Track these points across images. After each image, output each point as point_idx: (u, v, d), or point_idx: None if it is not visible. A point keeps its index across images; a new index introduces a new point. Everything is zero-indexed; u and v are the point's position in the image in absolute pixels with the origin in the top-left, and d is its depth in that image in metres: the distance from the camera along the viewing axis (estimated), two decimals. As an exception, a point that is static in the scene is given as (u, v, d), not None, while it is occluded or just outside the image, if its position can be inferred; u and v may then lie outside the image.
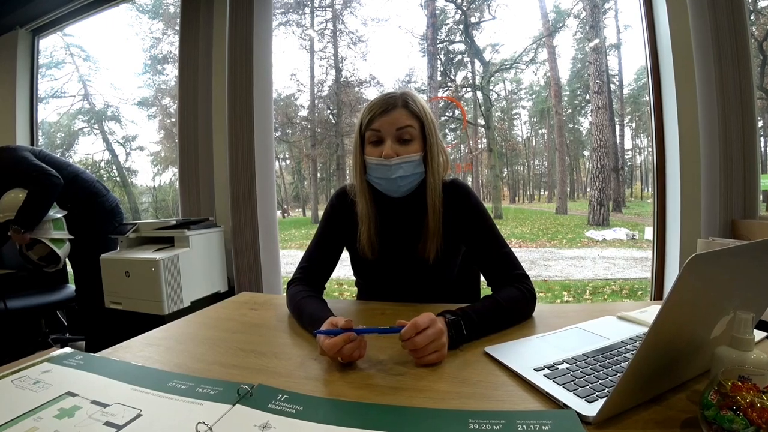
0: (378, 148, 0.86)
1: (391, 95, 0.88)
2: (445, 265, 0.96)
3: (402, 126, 0.85)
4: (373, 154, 0.87)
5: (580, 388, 0.52)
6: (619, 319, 0.79)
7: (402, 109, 0.86)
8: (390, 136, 0.85)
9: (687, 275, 0.40)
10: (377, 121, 0.86)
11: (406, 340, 0.61)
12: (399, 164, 0.85)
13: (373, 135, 0.87)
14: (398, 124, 0.85)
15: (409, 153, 0.86)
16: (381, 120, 0.86)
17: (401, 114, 0.86)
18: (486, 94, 9.07)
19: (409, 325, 0.62)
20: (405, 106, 0.86)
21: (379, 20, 9.46)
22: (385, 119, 0.85)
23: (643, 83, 6.57)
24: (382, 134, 0.86)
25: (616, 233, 6.93)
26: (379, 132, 0.86)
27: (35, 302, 2.11)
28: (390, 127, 0.85)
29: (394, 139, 0.86)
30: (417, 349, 0.61)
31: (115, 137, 9.57)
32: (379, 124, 0.86)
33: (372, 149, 0.87)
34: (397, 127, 0.85)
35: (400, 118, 0.85)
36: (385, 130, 0.86)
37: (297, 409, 0.49)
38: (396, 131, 0.85)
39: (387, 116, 0.85)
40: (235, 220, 2.29)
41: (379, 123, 0.86)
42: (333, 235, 0.99)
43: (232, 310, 1.00)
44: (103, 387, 0.56)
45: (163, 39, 9.02)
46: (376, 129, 0.86)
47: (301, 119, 10.35)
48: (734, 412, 0.36)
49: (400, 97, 0.87)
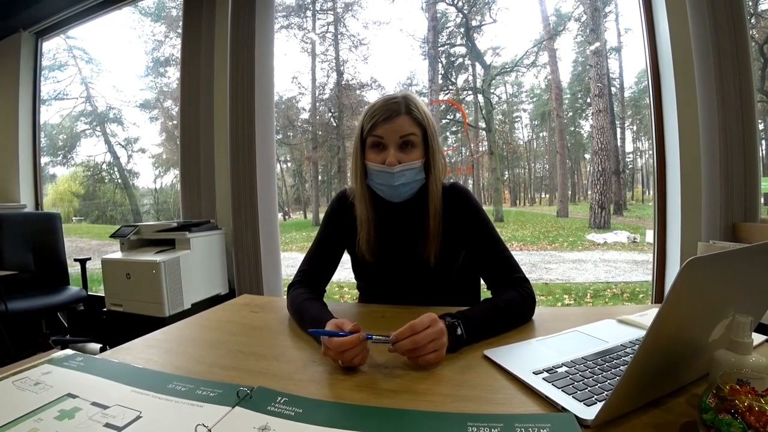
0: (380, 155, 0.86)
1: (394, 101, 0.86)
2: (445, 269, 0.96)
3: (405, 134, 0.85)
4: (375, 160, 0.86)
5: (579, 391, 0.52)
6: (618, 322, 0.79)
7: (405, 116, 0.85)
8: (393, 143, 0.85)
9: (684, 278, 0.40)
10: (380, 128, 0.85)
11: (405, 339, 0.61)
12: (402, 172, 0.84)
13: (375, 140, 0.87)
14: (402, 132, 0.85)
15: (411, 160, 0.85)
16: (384, 127, 0.85)
17: (404, 121, 0.85)
18: (487, 97, 9.08)
19: (407, 326, 0.61)
20: (408, 113, 0.85)
21: (381, 23, 9.48)
22: (389, 127, 0.84)
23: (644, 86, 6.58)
24: (385, 141, 0.85)
25: (617, 236, 6.92)
26: (383, 138, 0.85)
27: (36, 304, 2.12)
28: (393, 134, 0.85)
29: (397, 147, 0.85)
30: (415, 348, 0.61)
31: (117, 139, 9.61)
32: (383, 131, 0.85)
33: (374, 155, 0.87)
34: (400, 134, 0.85)
35: (404, 125, 0.85)
36: (389, 137, 0.85)
37: (296, 412, 0.49)
38: (399, 138, 0.85)
39: (390, 123, 0.84)
40: (236, 223, 2.29)
41: (382, 130, 0.85)
42: (334, 238, 0.99)
43: (233, 312, 1.00)
44: (104, 389, 0.56)
45: (165, 41, 9.06)
46: (379, 135, 0.86)
47: (303, 122, 10.37)
48: (732, 415, 0.37)
49: (402, 103, 0.86)
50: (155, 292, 1.95)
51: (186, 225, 2.17)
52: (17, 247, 2.39)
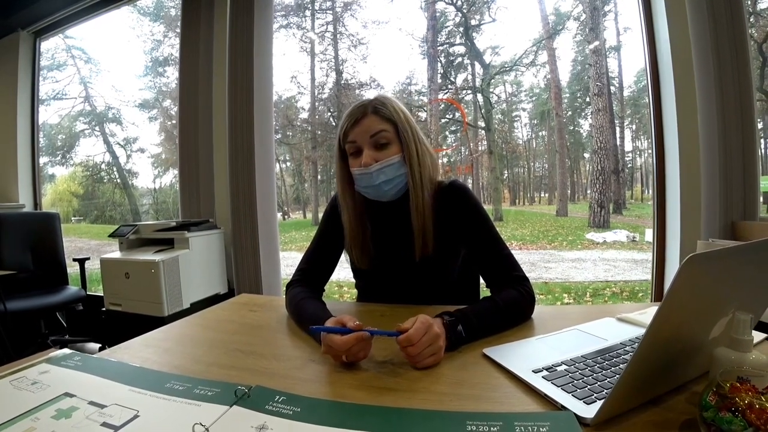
0: (358, 159, 0.87)
1: (361, 104, 0.89)
2: (444, 267, 0.96)
3: (375, 132, 0.86)
4: (355, 165, 0.88)
5: (579, 389, 0.51)
6: (618, 320, 0.78)
7: (372, 116, 0.87)
8: (366, 144, 0.86)
9: (684, 275, 0.40)
10: (351, 133, 0.87)
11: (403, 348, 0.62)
12: (380, 169, 0.85)
13: (351, 147, 0.88)
14: (371, 130, 0.86)
15: (387, 156, 0.86)
16: (355, 131, 0.87)
17: (372, 120, 0.86)
18: (486, 97, 9.07)
19: (403, 338, 0.61)
20: (375, 111, 0.87)
21: (380, 23, 9.45)
22: (358, 129, 0.86)
23: (643, 85, 6.59)
24: (359, 144, 0.87)
25: (616, 235, 6.92)
26: (356, 143, 0.87)
27: (35, 304, 2.12)
28: (364, 135, 0.86)
29: (371, 147, 0.86)
30: (413, 355, 0.61)
31: (115, 139, 9.57)
32: (354, 135, 0.87)
33: (353, 161, 0.88)
34: (370, 134, 0.86)
35: (372, 124, 0.86)
36: (360, 139, 0.87)
37: (294, 411, 0.49)
38: (370, 138, 0.86)
39: (359, 125, 0.86)
40: (235, 222, 2.29)
41: (353, 134, 0.87)
42: (332, 237, 0.99)
43: (232, 311, 1.00)
44: (101, 388, 0.56)
45: (164, 41, 9.03)
46: (352, 140, 0.87)
47: (302, 121, 10.35)
48: (733, 413, 0.36)
49: (369, 104, 0.88)
50: (154, 291, 1.95)
51: (185, 224, 2.17)
52: (16, 247, 2.39)
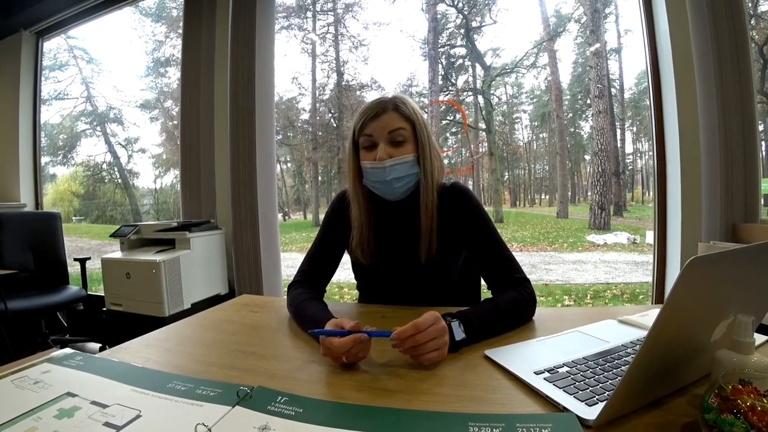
0: (372, 153, 0.87)
1: (382, 100, 0.89)
2: (445, 268, 0.96)
3: (394, 128, 0.87)
4: (367, 158, 0.88)
5: (581, 391, 0.51)
6: (619, 322, 0.78)
7: (393, 113, 0.87)
8: (382, 139, 0.87)
9: (686, 278, 0.40)
10: (369, 126, 0.87)
11: (406, 338, 0.61)
12: (393, 166, 0.86)
13: (366, 140, 0.89)
14: (390, 126, 0.87)
15: (402, 154, 0.87)
16: (372, 125, 0.87)
17: (392, 117, 0.87)
18: (487, 98, 9.08)
19: (410, 325, 0.61)
20: (395, 109, 0.88)
21: (381, 24, 9.46)
22: (377, 123, 0.87)
23: (644, 87, 6.58)
24: (375, 138, 0.87)
25: (617, 237, 6.91)
26: (372, 136, 0.88)
27: (36, 303, 2.12)
28: (382, 130, 0.87)
29: (387, 142, 0.87)
30: (417, 346, 0.61)
31: (117, 139, 9.58)
32: (371, 129, 0.87)
33: (366, 154, 0.89)
34: (389, 130, 0.87)
35: (392, 121, 0.87)
36: (378, 134, 0.87)
37: (297, 411, 0.49)
38: (388, 134, 0.87)
39: (378, 120, 0.87)
40: (236, 223, 2.29)
41: (371, 128, 0.87)
42: (334, 239, 0.99)
43: (233, 312, 1.00)
44: (103, 388, 0.56)
45: (165, 42, 9.04)
46: (368, 134, 0.88)
47: (303, 122, 10.35)
48: (735, 415, 0.36)
49: (390, 101, 0.89)
50: (155, 291, 1.95)
51: (186, 225, 2.17)
52: (17, 247, 2.39)
